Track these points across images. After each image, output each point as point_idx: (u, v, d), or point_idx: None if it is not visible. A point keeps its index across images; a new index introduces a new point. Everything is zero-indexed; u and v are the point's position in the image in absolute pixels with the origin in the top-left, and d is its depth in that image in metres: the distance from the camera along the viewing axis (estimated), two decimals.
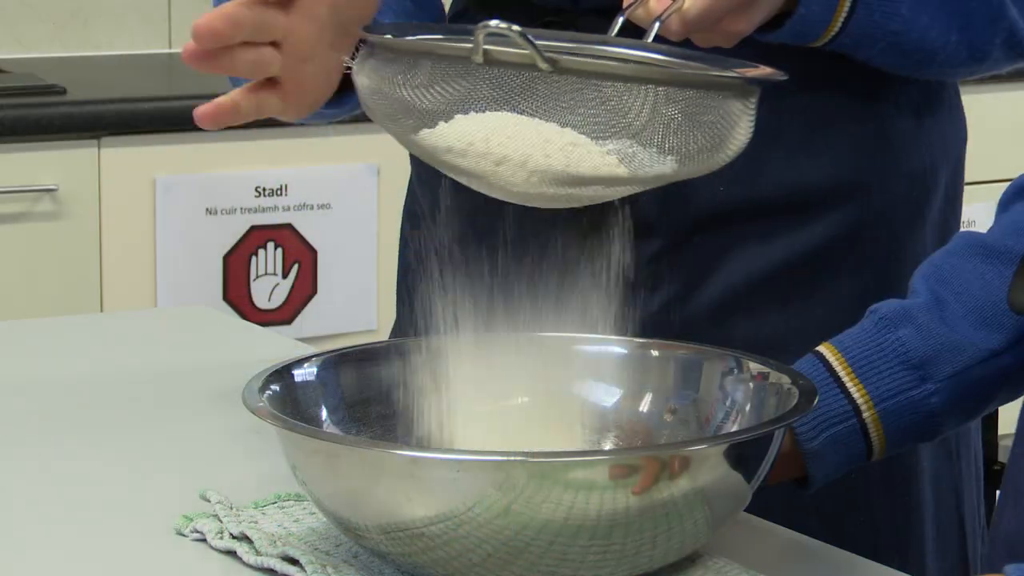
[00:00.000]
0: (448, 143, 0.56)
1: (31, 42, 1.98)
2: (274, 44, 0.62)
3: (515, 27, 0.53)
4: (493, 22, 0.52)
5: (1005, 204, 0.77)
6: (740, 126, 0.58)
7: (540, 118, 0.55)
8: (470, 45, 0.54)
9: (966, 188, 0.93)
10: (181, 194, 2.36)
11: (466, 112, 0.56)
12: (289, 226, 2.49)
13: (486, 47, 0.54)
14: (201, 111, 0.62)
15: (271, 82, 0.64)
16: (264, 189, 2.36)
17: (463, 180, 0.59)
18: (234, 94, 0.64)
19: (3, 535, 0.68)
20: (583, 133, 0.55)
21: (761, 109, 0.60)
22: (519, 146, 0.55)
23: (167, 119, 2.49)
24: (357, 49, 0.61)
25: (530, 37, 0.53)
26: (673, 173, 0.57)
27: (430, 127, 0.57)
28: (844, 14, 0.71)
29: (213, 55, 0.59)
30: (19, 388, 1.08)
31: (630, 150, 0.55)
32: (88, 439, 0.87)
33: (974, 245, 0.76)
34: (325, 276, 2.17)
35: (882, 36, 0.69)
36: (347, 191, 2.45)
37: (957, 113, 0.89)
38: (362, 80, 0.60)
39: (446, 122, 0.56)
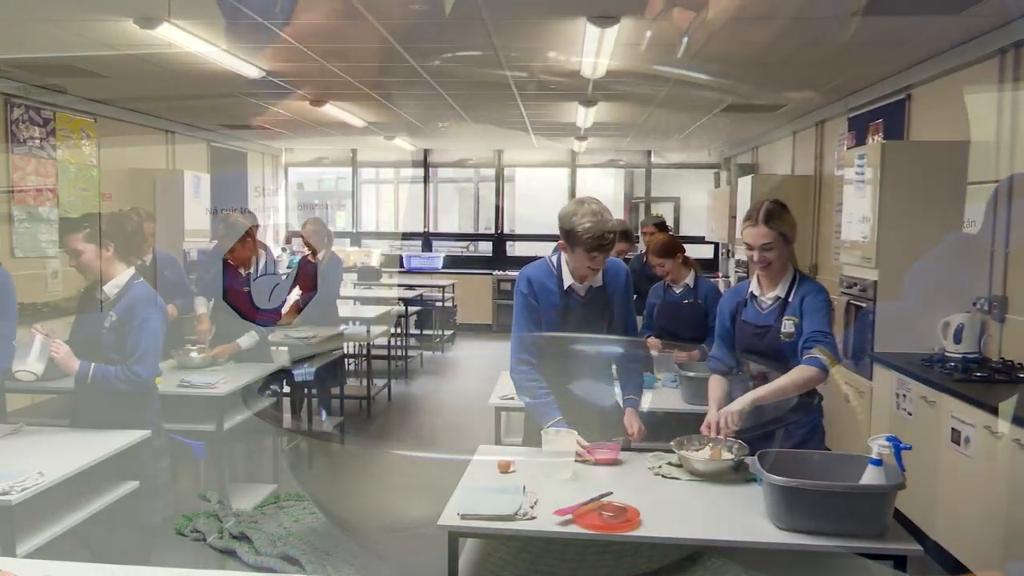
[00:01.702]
0: None
1: (31, 42, 1.98)
2: None
3: None
4: None
5: (994, 204, 0.78)
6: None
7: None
8: None
9: (966, 188, 0.93)
10: (181, 194, 2.36)
11: None
12: (289, 226, 2.48)
13: None
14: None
15: None
16: (264, 189, 2.35)
17: None
18: None
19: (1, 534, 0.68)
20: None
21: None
22: None
23: (167, 118, 2.49)
24: None
25: None
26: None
27: None
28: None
29: None
30: (18, 387, 1.07)
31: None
32: (87, 438, 0.86)
33: (963, 245, 0.76)
34: (325, 276, 2.17)
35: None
36: (349, 191, 2.45)
37: None
38: None
39: None
